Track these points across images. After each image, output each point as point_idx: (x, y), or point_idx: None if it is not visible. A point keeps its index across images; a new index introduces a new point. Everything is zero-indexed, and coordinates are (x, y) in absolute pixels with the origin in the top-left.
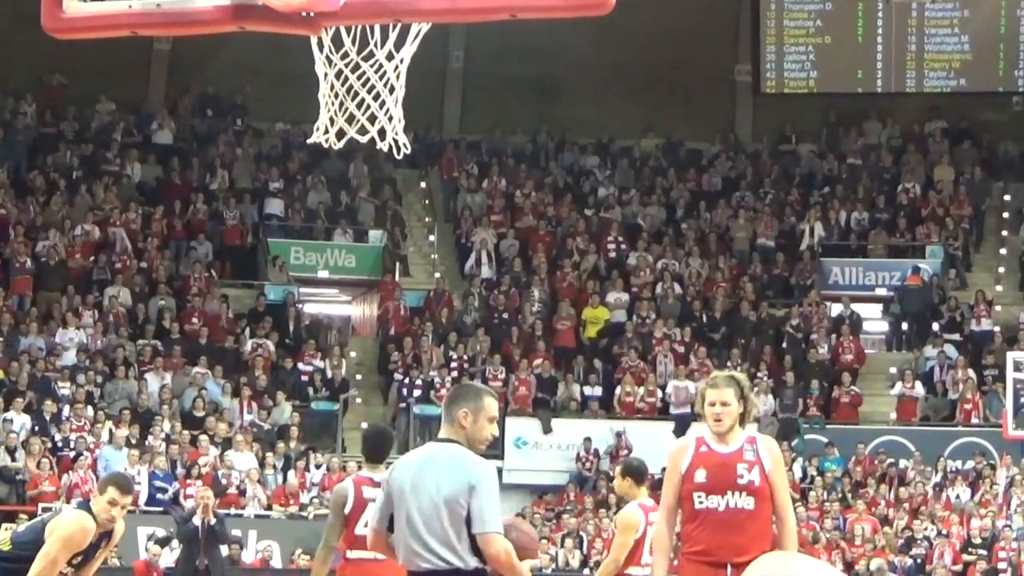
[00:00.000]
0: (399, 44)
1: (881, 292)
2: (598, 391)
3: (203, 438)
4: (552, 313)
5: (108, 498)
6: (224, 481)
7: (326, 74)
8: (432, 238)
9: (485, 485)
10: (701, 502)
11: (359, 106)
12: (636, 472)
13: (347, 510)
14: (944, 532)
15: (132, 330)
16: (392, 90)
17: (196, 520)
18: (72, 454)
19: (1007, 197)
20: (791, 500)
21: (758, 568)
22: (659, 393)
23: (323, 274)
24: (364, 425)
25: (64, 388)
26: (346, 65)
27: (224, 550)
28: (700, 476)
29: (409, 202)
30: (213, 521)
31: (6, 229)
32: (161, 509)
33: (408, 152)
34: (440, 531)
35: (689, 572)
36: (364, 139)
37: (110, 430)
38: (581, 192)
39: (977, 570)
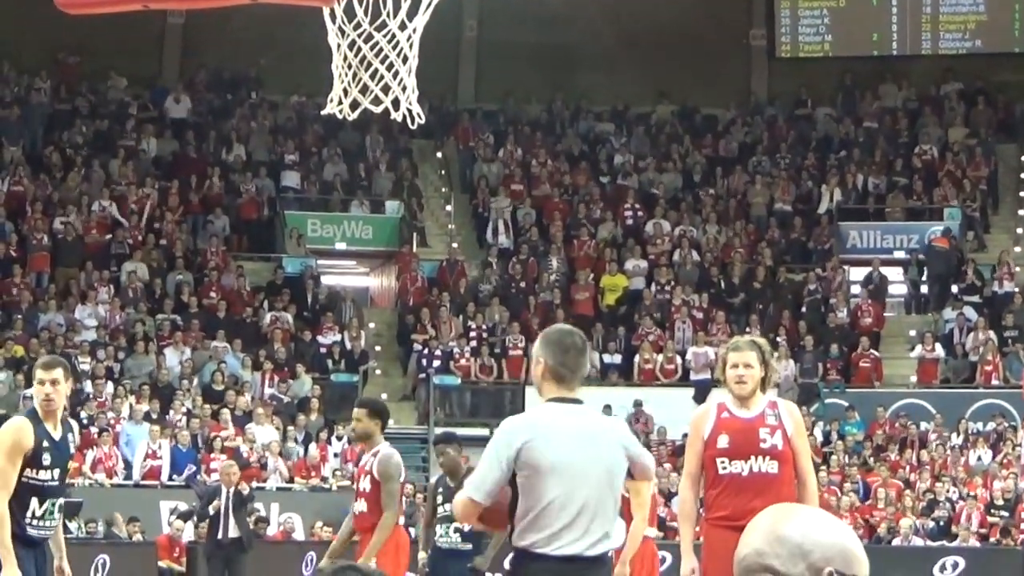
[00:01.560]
0: (412, 14)
1: (900, 255)
2: (617, 359)
3: (224, 412)
4: (570, 281)
5: (36, 380)
6: (245, 454)
7: (339, 45)
8: (449, 208)
9: (631, 436)
10: (724, 467)
11: (373, 76)
12: None
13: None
14: (971, 494)
15: (150, 305)
16: (405, 60)
17: (222, 493)
18: (95, 430)
19: None
20: (813, 464)
21: (761, 519)
22: (678, 360)
23: (340, 246)
24: (384, 396)
25: (84, 364)
26: (359, 36)
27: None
28: (723, 442)
29: (425, 172)
30: (246, 491)
31: (23, 206)
32: (184, 483)
33: (423, 122)
34: (604, 512)
35: (714, 538)
36: (378, 109)
37: (130, 405)
38: (597, 160)
39: (999, 531)
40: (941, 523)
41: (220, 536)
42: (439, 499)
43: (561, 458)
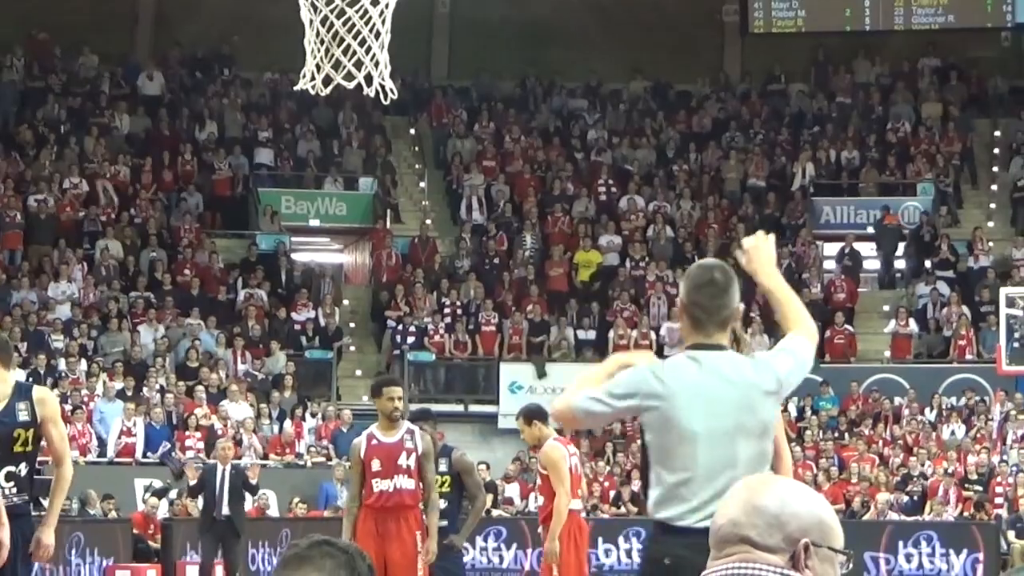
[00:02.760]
0: None
1: (873, 231)
2: (592, 335)
3: (199, 389)
4: (544, 257)
5: None
6: (220, 431)
7: (312, 21)
8: (423, 184)
9: (782, 377)
10: None
11: (345, 52)
12: (540, 414)
13: None
14: (948, 470)
15: (124, 282)
16: (378, 36)
17: (218, 471)
18: (69, 407)
19: (997, 133)
20: (787, 438)
21: (738, 490)
22: (652, 335)
23: (314, 223)
24: (358, 373)
25: (58, 341)
26: (332, 11)
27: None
28: None
29: (398, 149)
30: (254, 480)
31: None
32: (158, 460)
33: (395, 98)
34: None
35: None
36: (351, 85)
37: (104, 382)
38: (571, 136)
39: (972, 505)
40: (915, 497)
41: (215, 514)
42: None
43: (697, 420)
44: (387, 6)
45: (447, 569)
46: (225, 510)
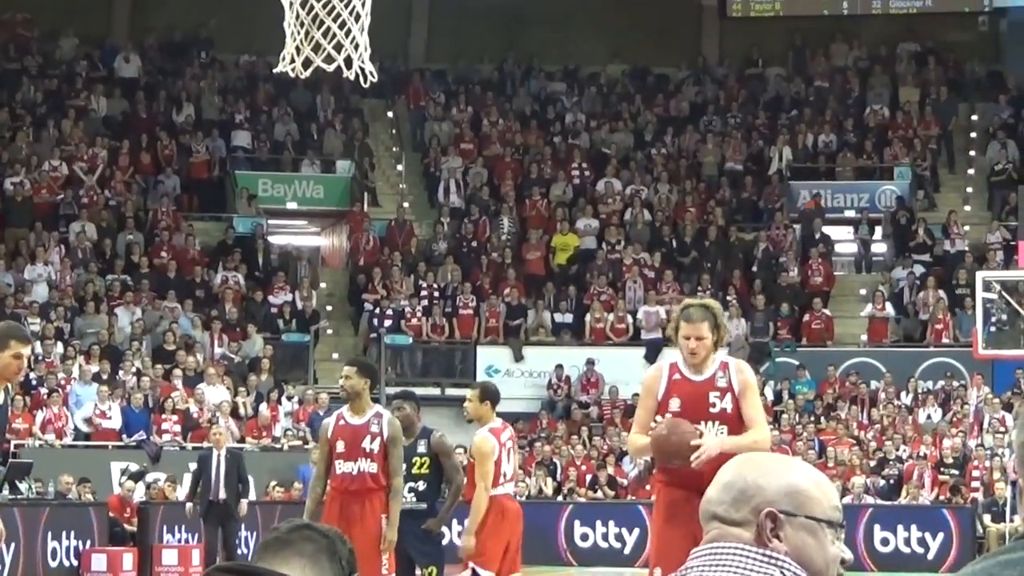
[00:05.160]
0: None
1: (850, 214)
2: (569, 318)
3: (176, 372)
4: (521, 241)
5: (13, 352)
6: (196, 415)
7: (291, 3)
8: (400, 168)
9: None
10: None
11: (325, 35)
12: (495, 396)
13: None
14: (922, 454)
15: (101, 265)
16: (358, 18)
17: (213, 455)
18: (45, 391)
19: (974, 117)
20: (764, 417)
21: (722, 469)
22: (629, 319)
23: (291, 205)
24: (335, 356)
25: (34, 324)
26: None
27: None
28: (674, 405)
29: (376, 132)
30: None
31: None
32: (135, 444)
33: (375, 81)
34: None
35: (666, 498)
36: (331, 68)
37: (80, 366)
38: (548, 119)
39: (948, 489)
40: (891, 481)
41: (212, 497)
42: None
43: None
44: None
45: (427, 552)
46: (222, 493)
